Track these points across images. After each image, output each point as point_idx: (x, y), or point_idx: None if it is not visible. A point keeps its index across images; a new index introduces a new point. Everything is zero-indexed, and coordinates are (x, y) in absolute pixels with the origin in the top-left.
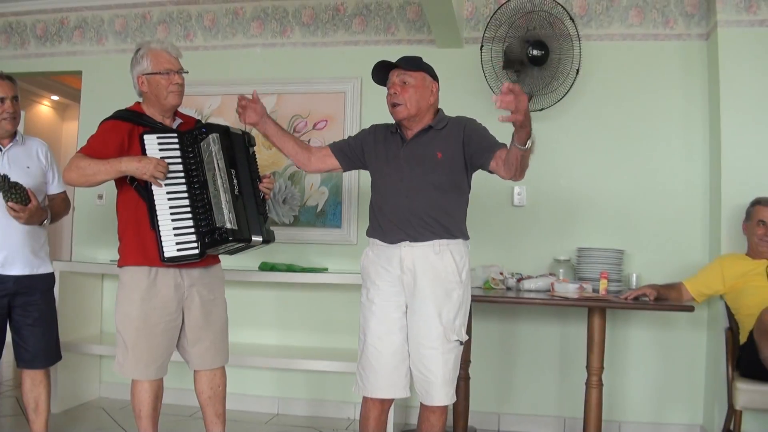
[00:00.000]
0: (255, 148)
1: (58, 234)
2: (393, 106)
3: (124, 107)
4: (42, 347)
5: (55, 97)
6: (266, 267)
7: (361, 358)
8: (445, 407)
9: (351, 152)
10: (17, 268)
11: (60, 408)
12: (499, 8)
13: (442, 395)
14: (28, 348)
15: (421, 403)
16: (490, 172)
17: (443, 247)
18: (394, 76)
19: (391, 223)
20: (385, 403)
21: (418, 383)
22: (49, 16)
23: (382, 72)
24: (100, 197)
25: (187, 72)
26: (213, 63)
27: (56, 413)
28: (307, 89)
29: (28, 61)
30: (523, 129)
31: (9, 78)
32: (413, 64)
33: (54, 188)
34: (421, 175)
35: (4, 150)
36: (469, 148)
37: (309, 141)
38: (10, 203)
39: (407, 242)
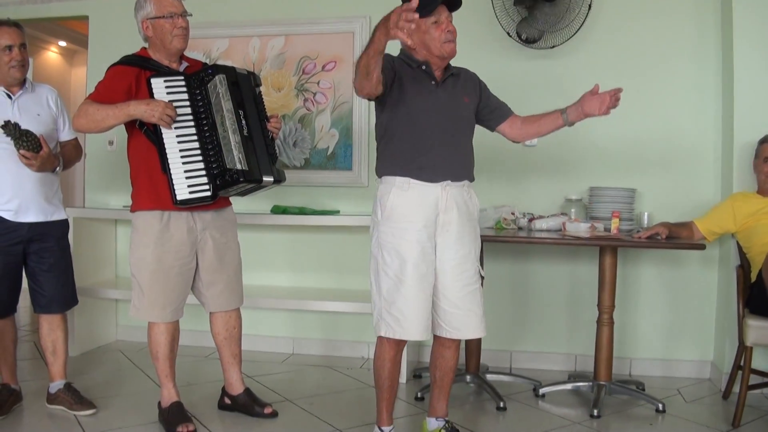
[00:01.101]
0: (261, 88)
1: (71, 181)
2: (448, 42)
3: (132, 52)
4: (57, 292)
5: (62, 43)
6: (278, 210)
7: (396, 300)
8: (459, 343)
9: (388, 76)
10: (31, 215)
11: (78, 351)
12: None
13: (482, 327)
14: (44, 293)
15: (436, 340)
16: (492, 131)
17: (470, 188)
18: (446, 13)
19: (435, 162)
20: (402, 344)
21: (455, 320)
22: None
23: (432, 4)
24: (111, 143)
25: (191, 15)
26: (219, 5)
27: (74, 356)
28: (314, 30)
29: (35, 6)
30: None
31: (16, 25)
32: None
33: (65, 135)
34: (458, 118)
35: (14, 98)
36: (486, 105)
37: (318, 83)
38: (22, 151)
39: (449, 181)
